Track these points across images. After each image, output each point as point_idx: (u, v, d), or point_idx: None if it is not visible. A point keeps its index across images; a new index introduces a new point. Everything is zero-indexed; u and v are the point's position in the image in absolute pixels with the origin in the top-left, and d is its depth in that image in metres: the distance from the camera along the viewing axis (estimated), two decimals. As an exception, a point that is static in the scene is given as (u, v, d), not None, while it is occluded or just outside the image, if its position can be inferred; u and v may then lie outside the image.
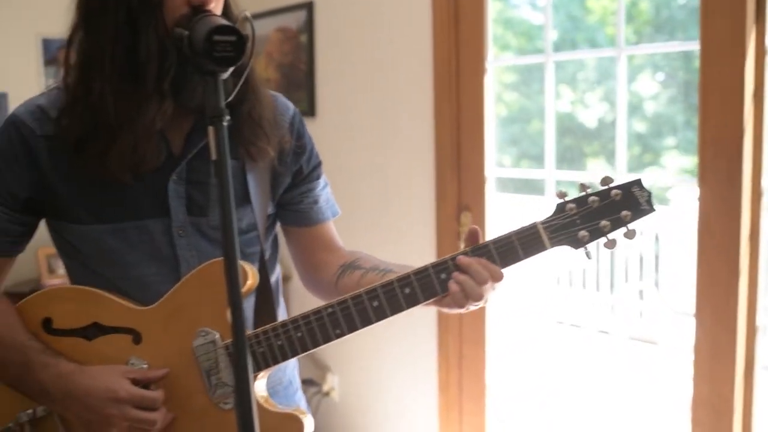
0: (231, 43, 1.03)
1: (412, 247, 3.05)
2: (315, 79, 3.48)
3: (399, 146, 3.09)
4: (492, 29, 2.72)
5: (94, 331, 1.28)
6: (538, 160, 2.68)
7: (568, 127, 2.72)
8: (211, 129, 1.00)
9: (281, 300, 1.52)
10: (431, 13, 2.86)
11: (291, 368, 1.52)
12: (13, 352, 1.23)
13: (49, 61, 3.95)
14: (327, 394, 3.55)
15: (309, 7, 3.44)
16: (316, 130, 3.43)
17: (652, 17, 4.70)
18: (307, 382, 3.60)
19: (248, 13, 1.21)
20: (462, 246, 2.87)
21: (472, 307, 1.27)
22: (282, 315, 1.49)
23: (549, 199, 2.72)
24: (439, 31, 2.85)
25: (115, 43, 1.20)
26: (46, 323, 1.29)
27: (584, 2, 2.84)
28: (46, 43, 3.92)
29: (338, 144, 3.38)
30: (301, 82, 3.55)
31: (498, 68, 2.88)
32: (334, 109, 3.41)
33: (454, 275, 1.23)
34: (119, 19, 1.20)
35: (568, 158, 2.68)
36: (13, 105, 3.85)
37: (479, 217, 2.83)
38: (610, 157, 4.26)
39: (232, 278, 0.97)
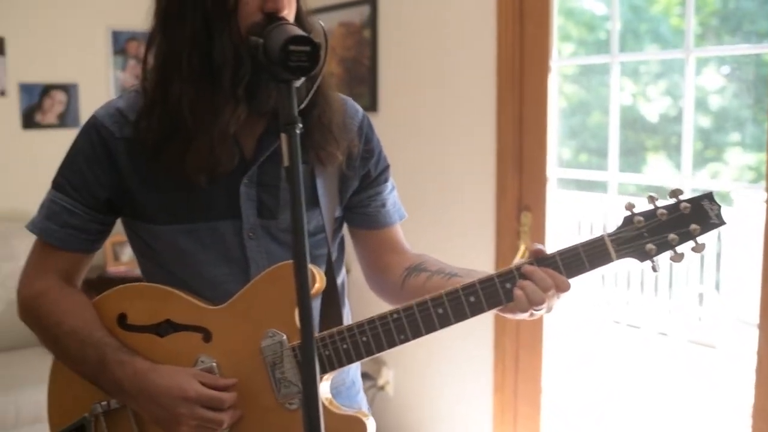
0: (305, 53, 1.06)
1: (472, 245, 3.06)
2: (377, 74, 3.50)
3: (460, 144, 3.09)
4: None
5: (166, 327, 1.32)
6: (597, 153, 2.66)
7: (629, 120, 2.67)
8: (284, 136, 1.02)
9: (346, 301, 1.54)
10: (496, 10, 2.85)
11: (354, 369, 1.55)
12: (90, 348, 1.27)
13: (118, 52, 4.05)
14: (382, 388, 3.58)
15: (373, 2, 3.46)
16: (377, 125, 3.44)
17: (719, 8, 4.58)
18: (362, 376, 3.64)
19: (322, 23, 1.24)
20: (521, 245, 2.86)
21: (537, 314, 1.27)
22: (347, 316, 1.52)
23: (611, 198, 2.69)
24: (503, 28, 2.84)
25: (192, 48, 1.24)
26: (121, 319, 1.33)
27: (648, -8, 2.80)
28: (115, 35, 4.02)
29: (399, 140, 3.39)
30: (363, 77, 3.57)
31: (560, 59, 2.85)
32: (396, 104, 3.42)
33: (519, 282, 1.24)
34: (196, 24, 1.23)
35: (629, 152, 2.64)
36: (84, 95, 3.98)
37: (539, 218, 2.82)
38: (672, 152, 4.18)
39: (302, 282, 1.00)
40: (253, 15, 1.22)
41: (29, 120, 3.85)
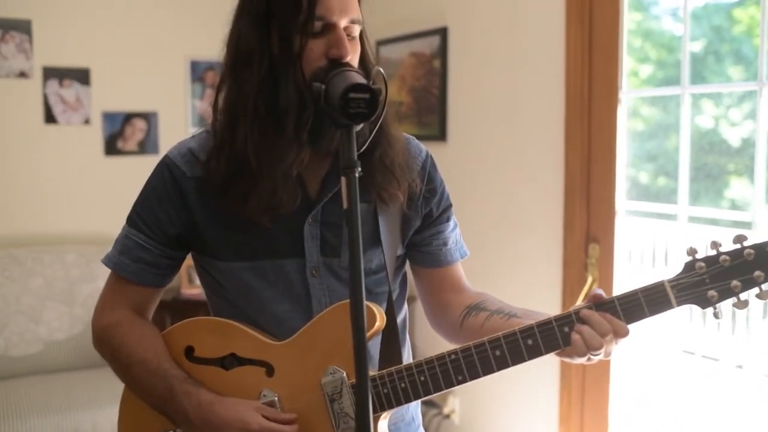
0: (365, 100, 1.09)
1: (539, 276, 3.04)
2: (447, 104, 3.52)
3: (528, 174, 3.09)
4: (629, 40, 2.67)
5: (231, 361, 1.36)
6: (677, 177, 2.61)
7: (709, 143, 2.60)
8: (343, 179, 1.06)
9: (407, 338, 1.56)
10: (565, 42, 2.85)
11: (414, 405, 1.56)
12: (158, 378, 1.33)
13: (196, 81, 4.19)
14: (447, 416, 3.57)
15: (443, 33, 3.49)
16: (445, 154, 3.51)
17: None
18: (428, 403, 3.65)
19: (381, 69, 1.27)
20: (588, 277, 2.83)
21: (594, 359, 1.27)
22: (407, 353, 1.54)
23: (681, 228, 2.64)
24: (572, 60, 2.83)
25: (258, 92, 1.29)
26: (189, 351, 1.38)
27: (730, 12, 2.72)
28: (194, 65, 4.16)
29: (467, 169, 3.41)
30: (433, 106, 3.60)
31: (636, 81, 2.81)
32: (465, 134, 3.44)
33: (577, 327, 1.24)
34: (262, 70, 1.29)
35: (709, 176, 2.56)
36: (163, 123, 4.12)
37: (608, 250, 2.78)
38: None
39: (358, 324, 1.02)
40: (317, 60, 1.27)
41: (111, 147, 4.01)
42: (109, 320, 1.42)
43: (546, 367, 2.97)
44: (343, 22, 1.28)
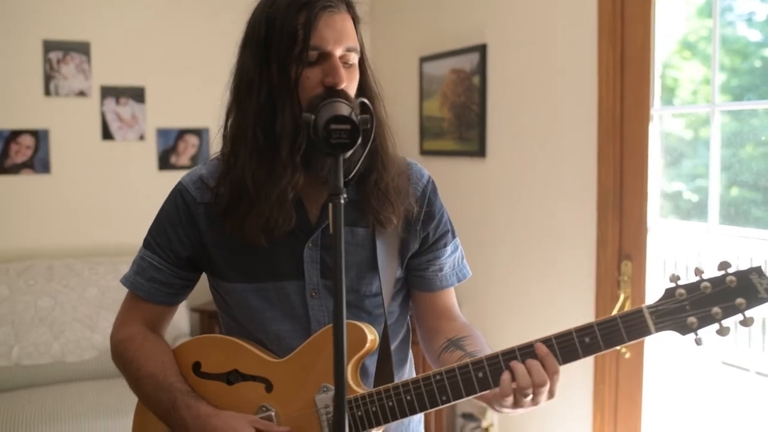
0: (346, 131, 1.15)
1: (572, 293, 3.05)
2: (486, 120, 3.56)
3: (562, 190, 3.10)
4: (702, 48, 2.62)
5: (234, 376, 1.44)
6: (751, 187, 2.56)
7: None
8: (330, 205, 1.12)
9: (409, 354, 1.62)
10: (597, 59, 2.86)
11: (415, 422, 1.62)
12: (163, 391, 1.42)
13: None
14: (486, 429, 3.60)
15: (482, 50, 3.53)
16: (485, 170, 3.55)
17: None
18: (467, 417, 3.68)
19: (365, 100, 1.32)
20: (621, 295, 2.83)
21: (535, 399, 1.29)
22: (409, 369, 1.60)
23: (711, 248, 2.61)
24: (604, 77, 2.84)
25: (257, 119, 1.37)
26: (196, 366, 1.47)
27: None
28: (244, 82, 4.27)
29: (505, 185, 3.44)
30: (472, 122, 3.64)
31: (709, 90, 2.73)
32: (503, 151, 3.47)
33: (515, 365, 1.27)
34: (262, 97, 1.37)
35: None
36: (215, 138, 4.25)
37: (639, 268, 2.78)
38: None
39: (339, 345, 1.09)
40: (314, 88, 1.34)
41: (165, 162, 4.18)
42: (124, 335, 1.52)
43: (580, 385, 2.97)
44: (338, 51, 1.35)
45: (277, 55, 1.35)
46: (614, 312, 2.82)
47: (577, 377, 2.97)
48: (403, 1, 4.27)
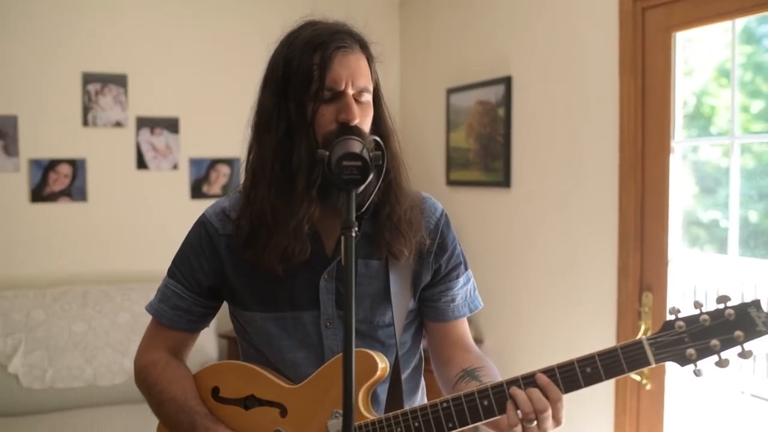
0: (357, 167, 1.22)
1: (593, 324, 3.07)
2: (511, 150, 3.61)
3: (585, 220, 3.13)
4: (739, 75, 2.64)
5: (251, 401, 1.50)
6: None
7: None
8: (342, 238, 1.18)
9: (421, 382, 1.66)
10: (618, 92, 2.90)
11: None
12: (183, 414, 1.48)
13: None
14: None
15: (507, 82, 3.59)
16: (510, 200, 3.60)
17: None
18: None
19: (377, 138, 1.38)
20: (642, 326, 2.84)
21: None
22: (420, 395, 1.64)
23: (731, 280, 2.62)
24: (625, 109, 2.88)
25: (276, 154, 1.44)
26: (215, 391, 1.53)
27: None
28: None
29: (529, 215, 3.48)
30: (497, 153, 3.69)
31: (747, 117, 2.75)
32: (528, 180, 3.51)
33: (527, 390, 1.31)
34: (280, 133, 1.44)
35: None
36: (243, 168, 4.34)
37: (661, 299, 2.79)
38: None
39: (348, 373, 1.14)
40: (328, 125, 1.41)
41: (197, 191, 4.29)
42: (148, 360, 1.59)
43: (602, 415, 2.98)
44: (351, 89, 1.42)
45: (294, 94, 1.43)
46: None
47: (598, 408, 2.98)
48: (431, 35, 4.35)
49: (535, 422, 1.29)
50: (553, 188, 3.32)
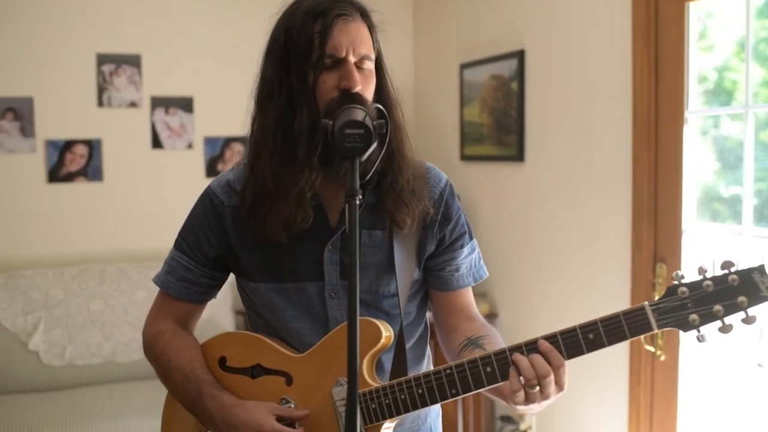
0: (360, 135, 1.22)
1: (607, 296, 3.06)
2: (524, 125, 3.59)
3: (598, 194, 3.12)
4: (759, 49, 2.57)
5: (258, 370, 1.52)
6: None
7: None
8: (346, 206, 1.19)
9: (426, 350, 1.67)
10: (632, 63, 2.88)
11: (433, 416, 1.66)
12: (190, 383, 1.50)
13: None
14: (524, 432, 3.62)
15: (520, 56, 3.57)
16: (524, 174, 3.59)
17: None
18: (505, 419, 3.70)
19: (380, 105, 1.39)
20: (656, 297, 2.84)
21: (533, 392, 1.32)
22: (425, 364, 1.65)
23: (746, 249, 2.60)
24: (638, 81, 2.85)
25: (277, 122, 1.45)
26: (222, 361, 1.55)
27: None
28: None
29: (543, 188, 3.46)
30: (511, 127, 3.67)
31: (766, 92, 2.71)
32: (541, 154, 3.49)
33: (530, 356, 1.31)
34: (282, 101, 1.44)
35: None
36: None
37: (674, 270, 2.76)
38: None
39: (352, 341, 1.15)
40: (330, 92, 1.41)
41: (212, 169, 4.30)
42: (155, 331, 1.61)
43: (616, 386, 2.98)
44: (352, 57, 1.42)
45: (296, 62, 1.43)
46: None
47: (612, 379, 2.98)
48: (444, 10, 4.33)
49: (538, 388, 1.29)
50: (567, 161, 3.30)
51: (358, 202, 1.19)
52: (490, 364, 1.33)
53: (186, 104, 4.25)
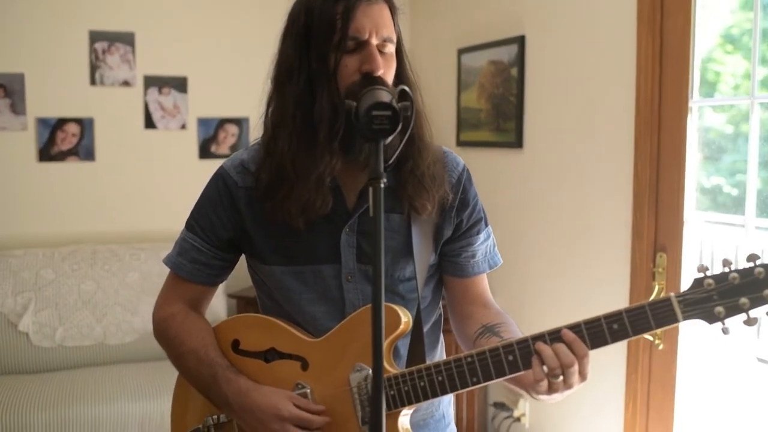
0: (387, 117, 1.19)
1: (606, 285, 3.06)
2: (524, 111, 3.57)
3: (598, 182, 3.11)
4: (744, 42, 2.57)
5: (272, 354, 1.49)
6: None
7: None
8: (370, 190, 1.16)
9: (440, 337, 1.65)
10: (636, 51, 2.86)
11: (445, 403, 1.65)
12: (204, 366, 1.47)
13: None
14: (518, 419, 3.62)
15: (520, 42, 3.54)
16: (522, 161, 3.57)
17: None
18: (498, 406, 3.71)
19: (406, 87, 1.36)
20: (656, 286, 2.83)
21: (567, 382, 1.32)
22: (440, 352, 1.64)
23: (749, 240, 2.60)
24: (642, 69, 2.84)
25: (297, 105, 1.42)
26: (235, 344, 1.52)
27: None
28: (284, 73, 4.33)
29: (542, 176, 3.45)
30: (510, 113, 3.65)
31: (749, 84, 2.72)
32: (541, 141, 3.48)
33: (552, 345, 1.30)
34: (301, 84, 1.41)
35: None
36: (254, 128, 4.31)
37: (675, 260, 2.78)
38: None
39: (377, 325, 1.12)
40: (351, 75, 1.38)
41: (205, 150, 4.26)
42: (166, 313, 1.58)
43: (613, 374, 2.98)
44: (374, 40, 1.39)
45: (317, 44, 1.40)
46: (648, 304, 2.83)
47: (609, 367, 2.98)
48: (442, -7, 4.29)
49: (561, 377, 1.28)
50: (567, 148, 3.29)
51: (382, 185, 1.16)
52: (513, 353, 1.32)
53: (180, 84, 4.19)
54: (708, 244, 2.95)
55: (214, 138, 4.28)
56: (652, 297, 2.82)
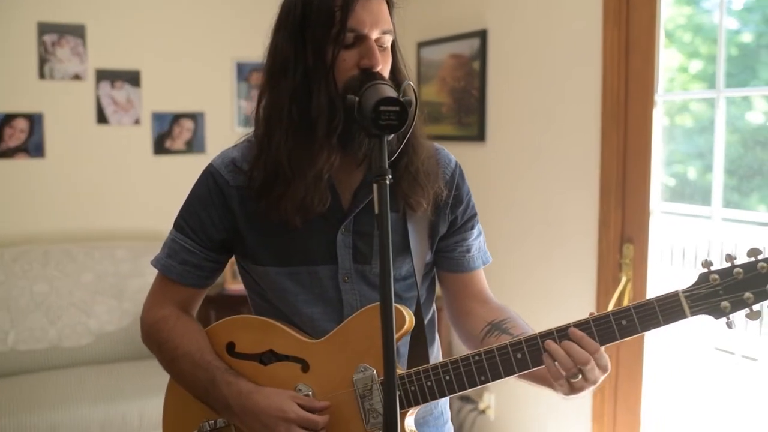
0: (395, 112, 1.16)
1: (574, 276, 3.09)
2: (486, 105, 3.58)
3: (564, 174, 3.13)
4: (678, 36, 2.63)
5: (269, 356, 1.45)
6: (728, 173, 2.61)
7: (762, 140, 2.55)
8: (375, 186, 1.13)
9: (436, 336, 1.64)
10: (602, 44, 2.89)
11: (443, 400, 1.63)
12: (201, 370, 1.42)
13: (242, 81, 4.30)
14: (483, 411, 3.64)
15: (483, 35, 3.55)
16: (484, 154, 3.57)
17: None
18: (464, 399, 3.72)
19: (410, 82, 1.34)
20: (623, 277, 2.86)
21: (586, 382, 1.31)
22: (436, 351, 1.62)
23: (715, 231, 2.66)
24: (608, 62, 2.87)
25: (292, 100, 1.37)
26: (230, 347, 1.47)
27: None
28: (240, 66, 4.27)
29: (505, 169, 3.46)
30: (472, 107, 3.66)
31: (686, 77, 2.82)
32: (504, 135, 3.49)
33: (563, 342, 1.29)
34: (297, 78, 1.37)
35: (760, 173, 2.53)
36: (210, 123, 4.23)
37: (641, 251, 2.82)
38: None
39: (387, 324, 1.09)
40: (350, 70, 1.35)
41: (160, 146, 4.15)
42: (157, 317, 1.52)
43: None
44: (374, 34, 1.35)
45: (314, 37, 1.36)
46: (615, 295, 2.87)
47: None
48: (400, -14, 4.26)
49: (581, 376, 1.28)
50: (531, 141, 3.31)
51: (388, 182, 1.14)
52: (521, 351, 1.31)
53: (133, 78, 4.07)
54: (675, 236, 3.00)
55: (169, 133, 4.18)
56: (619, 288, 2.87)
